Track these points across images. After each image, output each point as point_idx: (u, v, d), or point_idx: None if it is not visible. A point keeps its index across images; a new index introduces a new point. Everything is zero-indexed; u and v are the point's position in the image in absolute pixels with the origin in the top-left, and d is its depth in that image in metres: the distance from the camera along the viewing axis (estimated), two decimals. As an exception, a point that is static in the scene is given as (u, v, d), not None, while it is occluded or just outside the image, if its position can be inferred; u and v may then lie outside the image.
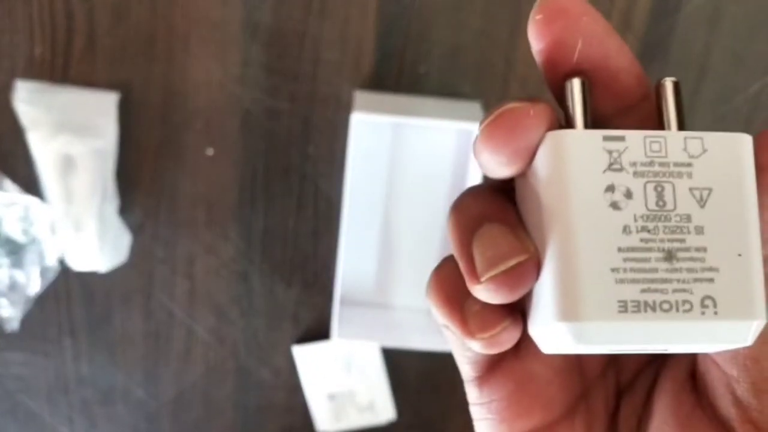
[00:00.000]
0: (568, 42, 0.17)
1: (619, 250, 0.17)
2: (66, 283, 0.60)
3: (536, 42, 0.18)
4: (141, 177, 0.57)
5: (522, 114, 0.17)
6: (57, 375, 0.63)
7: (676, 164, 0.17)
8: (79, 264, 0.56)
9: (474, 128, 0.50)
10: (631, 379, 0.22)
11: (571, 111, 0.18)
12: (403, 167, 0.54)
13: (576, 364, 0.21)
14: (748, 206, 0.17)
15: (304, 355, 0.62)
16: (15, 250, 0.56)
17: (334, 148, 0.55)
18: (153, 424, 0.65)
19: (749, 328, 0.17)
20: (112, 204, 0.55)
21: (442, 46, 0.53)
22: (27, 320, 0.59)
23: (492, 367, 0.20)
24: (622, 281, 0.17)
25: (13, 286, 0.56)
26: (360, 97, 0.52)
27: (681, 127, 0.18)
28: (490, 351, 0.19)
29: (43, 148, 0.53)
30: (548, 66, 0.18)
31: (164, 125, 0.55)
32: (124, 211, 0.57)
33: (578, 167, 0.17)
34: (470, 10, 0.52)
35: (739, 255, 0.17)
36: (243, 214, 0.58)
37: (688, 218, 0.17)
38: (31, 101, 0.53)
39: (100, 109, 0.53)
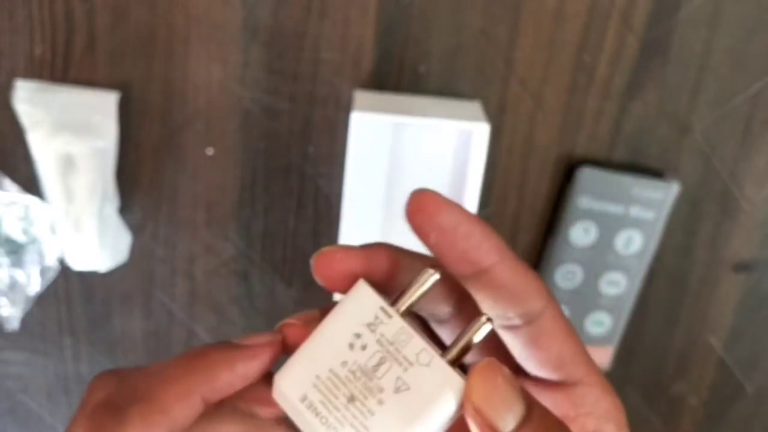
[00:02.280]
0: (425, 230, 0.24)
1: (330, 370, 0.23)
2: (66, 283, 0.60)
3: (408, 223, 0.24)
4: (141, 177, 0.57)
5: (329, 256, 0.25)
6: (57, 375, 0.63)
7: (404, 357, 0.23)
8: (79, 264, 0.56)
9: (474, 128, 0.50)
10: None
11: (406, 289, 0.24)
12: (403, 167, 0.54)
13: None
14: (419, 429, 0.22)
15: (304, 355, 0.62)
16: (15, 250, 0.56)
17: (334, 148, 0.55)
18: (153, 424, 0.65)
19: None
20: (112, 204, 0.56)
21: (442, 46, 0.53)
22: (27, 320, 0.59)
23: None
24: (315, 386, 0.23)
25: (13, 286, 0.56)
26: (360, 96, 0.52)
27: (459, 353, 0.23)
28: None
29: (44, 148, 0.53)
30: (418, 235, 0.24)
31: (164, 125, 0.55)
32: (124, 211, 0.57)
33: (352, 310, 0.24)
34: (470, 10, 0.52)
35: None
36: (243, 214, 0.58)
37: (381, 390, 0.23)
38: (31, 101, 0.53)
39: (100, 108, 0.53)
